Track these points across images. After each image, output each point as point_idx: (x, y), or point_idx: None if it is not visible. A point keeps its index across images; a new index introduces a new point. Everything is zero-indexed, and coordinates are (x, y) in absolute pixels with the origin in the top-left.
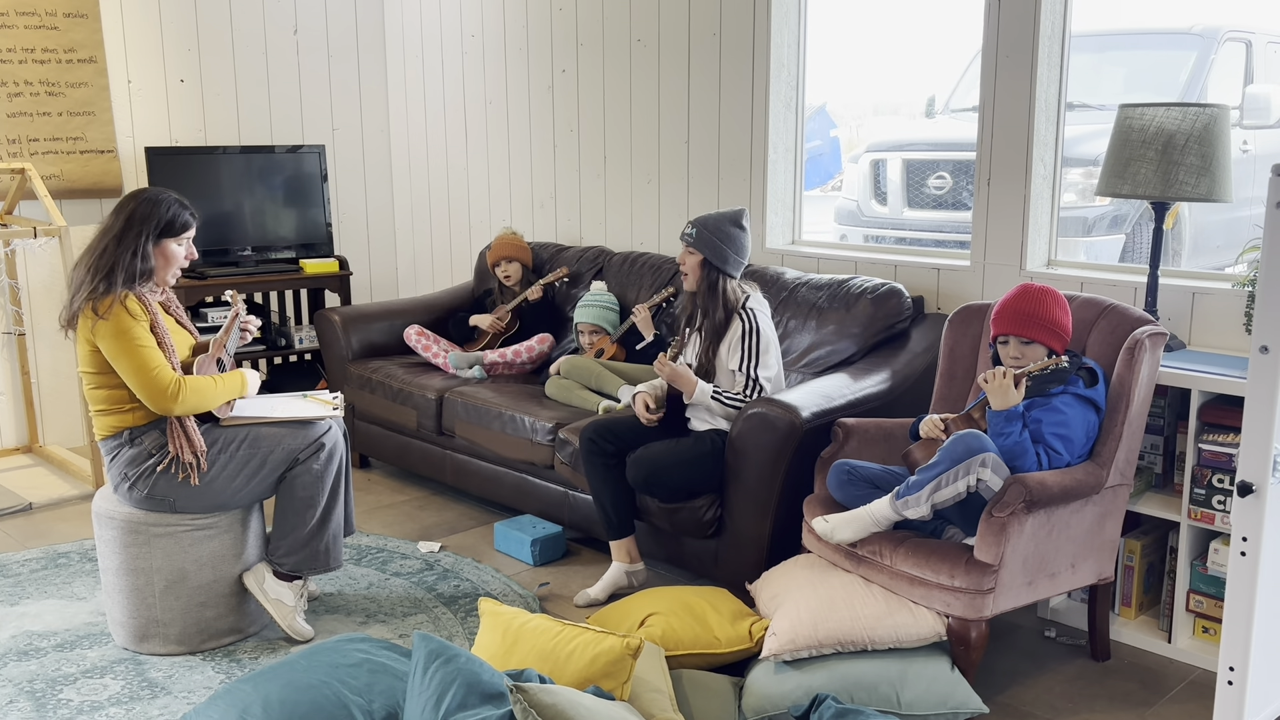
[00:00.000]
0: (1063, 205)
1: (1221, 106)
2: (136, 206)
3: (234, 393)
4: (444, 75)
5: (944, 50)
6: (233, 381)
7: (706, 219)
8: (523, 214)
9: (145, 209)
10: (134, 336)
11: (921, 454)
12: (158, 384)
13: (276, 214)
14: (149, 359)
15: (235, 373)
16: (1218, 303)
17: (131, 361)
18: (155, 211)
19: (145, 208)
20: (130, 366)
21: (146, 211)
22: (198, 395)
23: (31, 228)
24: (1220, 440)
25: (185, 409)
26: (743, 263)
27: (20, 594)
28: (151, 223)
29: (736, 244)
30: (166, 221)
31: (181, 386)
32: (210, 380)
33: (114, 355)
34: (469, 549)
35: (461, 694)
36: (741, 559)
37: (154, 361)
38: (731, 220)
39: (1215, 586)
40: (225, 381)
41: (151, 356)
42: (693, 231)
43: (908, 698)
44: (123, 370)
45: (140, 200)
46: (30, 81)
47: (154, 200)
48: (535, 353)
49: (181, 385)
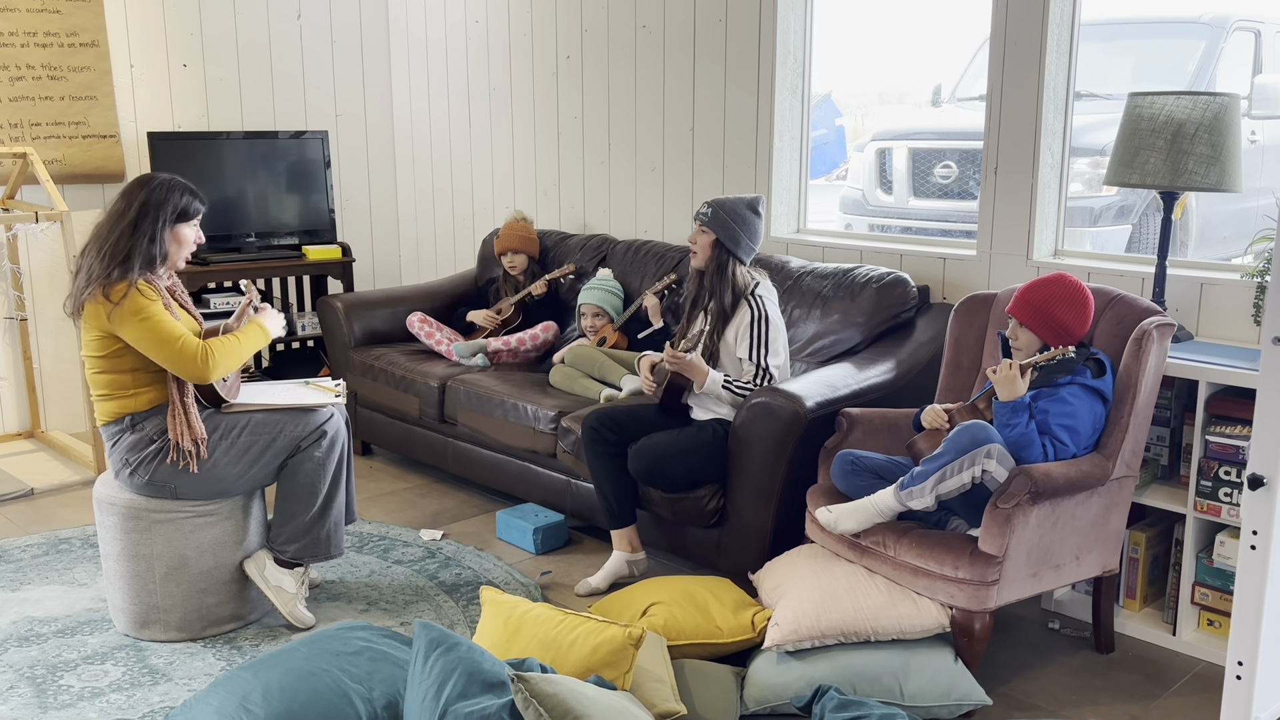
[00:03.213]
0: (1069, 195)
1: (1232, 95)
2: (150, 193)
3: (260, 342)
4: (448, 61)
5: (950, 39)
6: (255, 332)
7: (724, 200)
8: (526, 201)
9: (160, 195)
10: (151, 315)
11: (926, 445)
12: (186, 353)
13: (279, 200)
14: (171, 331)
15: (253, 323)
16: (1226, 294)
17: (155, 337)
18: (170, 198)
19: (159, 194)
20: (155, 342)
21: (161, 198)
22: (227, 355)
23: (33, 213)
24: (1227, 432)
25: (221, 371)
26: (755, 248)
27: (21, 579)
28: (167, 208)
29: (751, 228)
30: (182, 208)
31: (209, 351)
32: (234, 338)
33: (137, 338)
34: (471, 537)
35: (462, 683)
36: (744, 549)
37: (176, 332)
38: (748, 205)
39: (1221, 579)
40: (248, 334)
41: (173, 329)
42: (708, 211)
43: (911, 689)
44: (149, 350)
45: (153, 187)
46: (32, 65)
47: (168, 187)
48: (540, 340)
49: (209, 350)
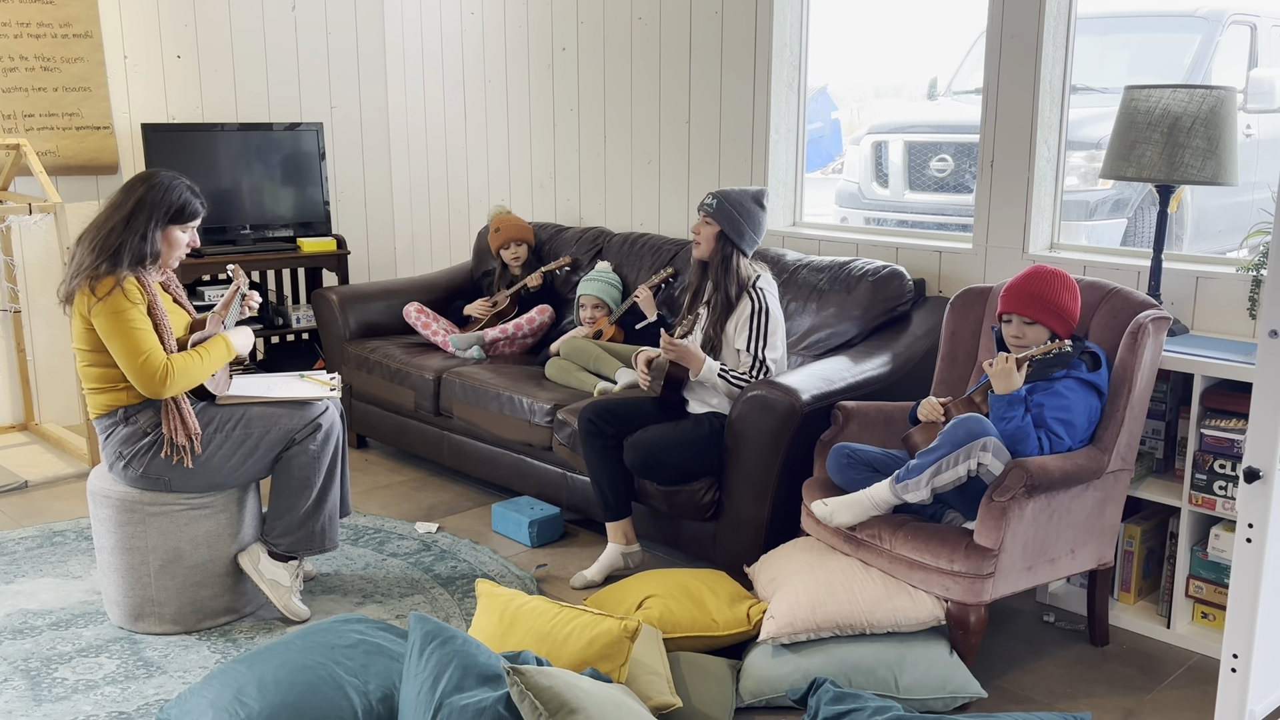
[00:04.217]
0: (1065, 188)
1: (1228, 89)
2: (149, 190)
3: (220, 361)
4: (443, 53)
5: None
6: (217, 350)
7: (729, 192)
8: (522, 193)
9: (157, 194)
10: (128, 319)
11: (921, 438)
12: (147, 369)
13: (274, 192)
14: (140, 343)
15: (217, 339)
16: (1221, 287)
17: (124, 344)
18: (167, 197)
19: (157, 192)
20: (122, 349)
21: (158, 197)
22: (185, 375)
23: (26, 204)
24: (1223, 425)
25: (174, 391)
26: (757, 241)
27: (16, 572)
28: (162, 209)
29: (755, 221)
30: (177, 208)
31: (169, 371)
32: (195, 355)
33: (107, 336)
34: (466, 530)
35: (458, 676)
36: (740, 542)
37: (145, 345)
38: (753, 198)
39: (1215, 572)
40: (210, 352)
41: (143, 340)
42: (713, 202)
43: (906, 681)
44: (115, 352)
45: (153, 184)
46: (25, 56)
47: (167, 185)
48: (536, 324)
49: (170, 370)
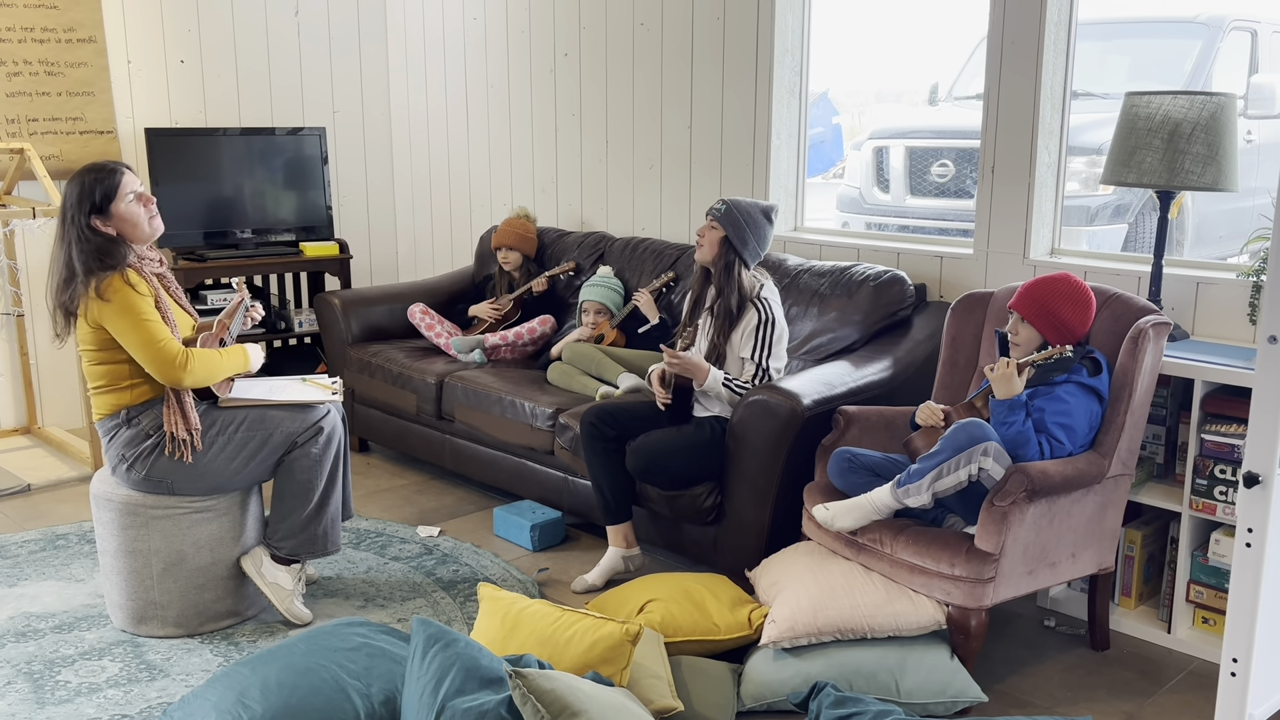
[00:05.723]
0: (1066, 194)
1: (1229, 95)
2: (63, 201)
3: (239, 366)
4: (445, 58)
5: (948, 37)
6: (237, 355)
7: (739, 200)
8: (524, 198)
9: (70, 199)
10: (139, 311)
11: (922, 442)
12: (166, 355)
13: (276, 196)
14: (155, 332)
15: (238, 347)
16: (1222, 293)
17: (139, 335)
18: (78, 194)
19: (69, 198)
20: (138, 340)
21: (72, 199)
22: (205, 366)
23: (30, 208)
24: (1223, 431)
25: (194, 380)
26: (760, 254)
27: (19, 575)
28: (83, 206)
29: (760, 233)
30: (93, 198)
31: (190, 357)
32: (216, 353)
33: (121, 331)
34: (468, 534)
35: (460, 679)
36: (741, 546)
37: (160, 334)
38: (763, 210)
39: (1216, 577)
40: (230, 354)
41: (158, 329)
42: (721, 207)
43: (907, 686)
44: (130, 345)
45: (64, 197)
46: (29, 61)
47: (74, 184)
48: (537, 334)
49: (190, 356)
